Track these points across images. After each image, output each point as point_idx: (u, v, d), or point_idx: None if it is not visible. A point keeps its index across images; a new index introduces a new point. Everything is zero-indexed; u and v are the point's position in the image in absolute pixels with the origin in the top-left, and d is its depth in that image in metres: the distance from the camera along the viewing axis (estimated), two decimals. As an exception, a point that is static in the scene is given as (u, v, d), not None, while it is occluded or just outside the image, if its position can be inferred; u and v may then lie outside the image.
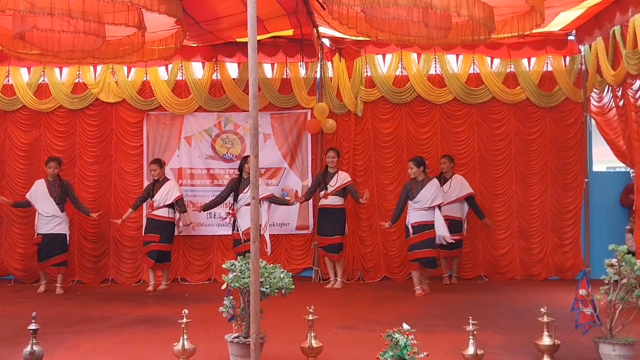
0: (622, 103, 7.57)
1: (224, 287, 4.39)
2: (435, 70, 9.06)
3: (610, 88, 7.94)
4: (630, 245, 7.66)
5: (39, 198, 8.28)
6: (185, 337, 4.41)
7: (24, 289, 8.41)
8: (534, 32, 7.33)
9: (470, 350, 4.22)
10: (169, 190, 8.38)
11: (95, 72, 9.21)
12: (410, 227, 7.72)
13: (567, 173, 8.89)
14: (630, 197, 8.36)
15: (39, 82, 9.21)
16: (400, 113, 9.10)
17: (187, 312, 4.44)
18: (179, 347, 4.41)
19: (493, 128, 9.03)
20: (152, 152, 9.07)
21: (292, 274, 4.53)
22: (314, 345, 4.40)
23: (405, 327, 3.78)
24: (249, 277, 4.05)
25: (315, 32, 8.21)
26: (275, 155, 9.10)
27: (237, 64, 9.24)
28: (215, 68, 9.21)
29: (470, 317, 4.25)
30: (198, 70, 9.28)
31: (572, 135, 8.90)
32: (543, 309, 4.49)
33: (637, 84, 7.08)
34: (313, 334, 4.42)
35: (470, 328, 4.21)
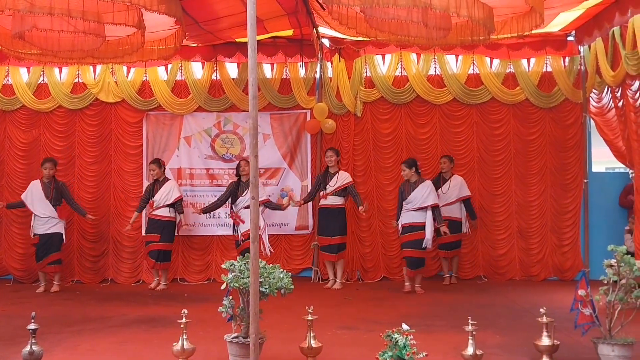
0: (621, 104, 7.57)
1: (224, 287, 4.39)
2: (435, 71, 9.07)
3: (610, 89, 7.95)
4: (629, 246, 7.66)
5: (35, 199, 8.29)
6: (185, 337, 4.41)
7: (23, 289, 8.41)
8: (534, 32, 7.32)
9: (470, 351, 4.22)
10: (169, 191, 8.39)
11: (95, 72, 9.21)
12: (401, 227, 7.93)
13: (566, 173, 8.90)
14: (630, 197, 8.37)
15: (39, 81, 9.21)
16: (400, 113, 9.10)
17: (186, 312, 4.44)
18: (178, 347, 4.41)
19: (492, 128, 9.03)
20: (151, 152, 9.07)
21: (291, 274, 4.53)
22: (314, 346, 4.40)
23: (405, 327, 3.78)
24: (249, 277, 4.05)
25: (315, 32, 8.21)
26: (275, 156, 9.10)
27: (236, 64, 9.24)
28: (215, 68, 9.21)
29: (470, 317, 4.26)
30: (197, 70, 9.28)
31: (571, 136, 8.91)
32: (542, 310, 4.49)
33: (636, 85, 7.09)
34: (312, 334, 4.42)
35: (470, 328, 4.21)
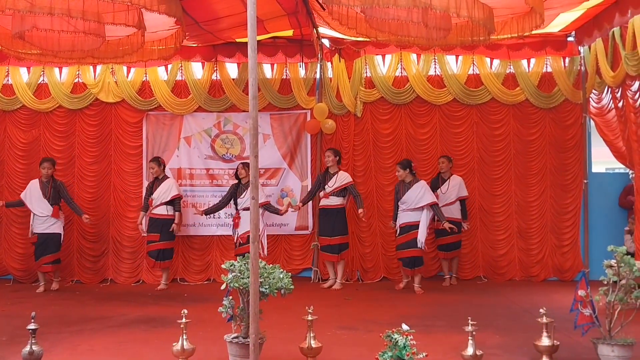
0: (621, 104, 7.58)
1: (223, 287, 4.39)
2: (435, 71, 9.07)
3: (610, 89, 7.95)
4: (629, 247, 7.67)
5: (34, 199, 8.32)
6: (185, 337, 4.41)
7: (23, 289, 8.40)
8: (534, 33, 7.32)
9: (469, 351, 4.22)
10: (168, 189, 8.41)
11: (95, 72, 9.21)
12: (398, 227, 8.00)
13: (566, 174, 8.90)
14: (629, 198, 8.37)
15: (39, 81, 9.21)
16: (400, 114, 9.10)
17: (186, 312, 4.44)
18: (178, 347, 4.41)
19: (492, 129, 9.03)
20: (151, 152, 9.07)
21: (291, 275, 4.53)
22: (313, 346, 4.41)
23: (405, 327, 3.78)
24: (248, 277, 4.05)
25: (315, 32, 8.21)
26: (275, 156, 9.09)
27: (236, 64, 9.24)
28: (215, 68, 9.21)
29: (469, 317, 4.26)
30: (198, 71, 9.28)
31: (571, 137, 8.90)
32: (542, 310, 4.49)
33: (636, 85, 7.09)
34: (312, 334, 4.42)
35: (469, 329, 4.21)
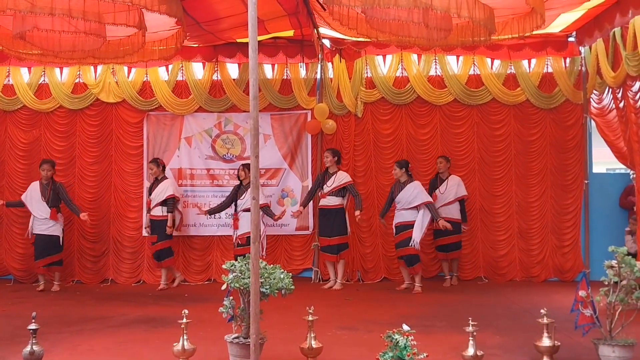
0: (622, 104, 7.57)
1: (224, 287, 4.39)
2: (436, 72, 9.06)
3: (611, 90, 7.94)
4: (630, 247, 7.67)
5: (33, 200, 8.36)
6: (185, 337, 4.41)
7: (24, 289, 8.41)
8: (534, 33, 7.32)
9: (470, 351, 4.22)
10: (163, 189, 8.43)
11: (96, 72, 9.21)
12: (394, 227, 8.10)
13: (567, 174, 8.89)
14: (630, 198, 8.37)
15: (40, 82, 9.22)
16: (400, 114, 9.10)
17: (187, 312, 4.44)
18: (179, 347, 4.41)
19: (493, 129, 9.03)
20: (152, 152, 9.07)
21: (291, 275, 4.52)
22: (314, 346, 4.40)
23: (405, 327, 3.77)
24: (249, 277, 4.05)
25: (316, 33, 8.21)
26: (276, 156, 9.09)
27: (237, 65, 9.24)
28: (216, 68, 9.21)
29: (470, 318, 4.25)
30: (198, 71, 9.28)
31: (572, 137, 8.90)
32: (543, 310, 4.49)
33: (637, 86, 7.08)
34: (313, 335, 4.42)
35: (470, 329, 4.21)
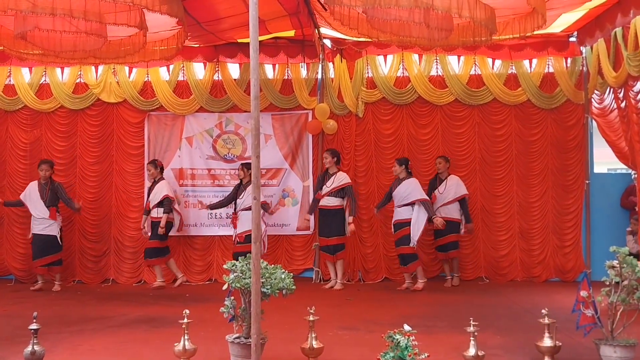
0: (623, 105, 7.56)
1: (225, 287, 4.38)
2: (437, 72, 9.06)
3: (612, 90, 7.93)
4: (632, 247, 7.65)
5: (32, 200, 8.39)
6: (186, 337, 4.40)
7: (24, 289, 8.41)
8: (536, 33, 7.32)
9: (471, 352, 4.21)
10: (159, 190, 8.47)
11: (97, 72, 9.22)
12: (392, 225, 8.18)
13: (568, 174, 8.89)
14: (631, 198, 8.36)
15: (41, 82, 9.23)
16: (401, 114, 9.10)
17: (188, 312, 4.44)
18: (180, 347, 4.41)
19: (494, 129, 9.02)
20: (153, 152, 9.08)
21: (292, 275, 4.52)
22: (315, 346, 4.40)
23: (406, 328, 3.77)
24: (250, 277, 4.05)
25: (317, 33, 8.21)
26: (276, 156, 9.10)
27: (238, 65, 9.25)
28: (217, 68, 9.21)
29: (471, 318, 4.25)
30: (199, 71, 9.29)
31: (573, 137, 8.89)
32: (544, 311, 4.48)
33: (638, 86, 7.08)
34: (314, 335, 4.42)
35: (471, 329, 4.20)
